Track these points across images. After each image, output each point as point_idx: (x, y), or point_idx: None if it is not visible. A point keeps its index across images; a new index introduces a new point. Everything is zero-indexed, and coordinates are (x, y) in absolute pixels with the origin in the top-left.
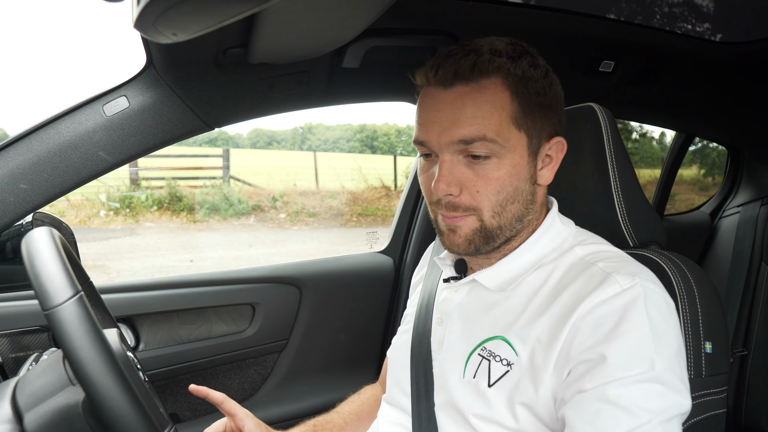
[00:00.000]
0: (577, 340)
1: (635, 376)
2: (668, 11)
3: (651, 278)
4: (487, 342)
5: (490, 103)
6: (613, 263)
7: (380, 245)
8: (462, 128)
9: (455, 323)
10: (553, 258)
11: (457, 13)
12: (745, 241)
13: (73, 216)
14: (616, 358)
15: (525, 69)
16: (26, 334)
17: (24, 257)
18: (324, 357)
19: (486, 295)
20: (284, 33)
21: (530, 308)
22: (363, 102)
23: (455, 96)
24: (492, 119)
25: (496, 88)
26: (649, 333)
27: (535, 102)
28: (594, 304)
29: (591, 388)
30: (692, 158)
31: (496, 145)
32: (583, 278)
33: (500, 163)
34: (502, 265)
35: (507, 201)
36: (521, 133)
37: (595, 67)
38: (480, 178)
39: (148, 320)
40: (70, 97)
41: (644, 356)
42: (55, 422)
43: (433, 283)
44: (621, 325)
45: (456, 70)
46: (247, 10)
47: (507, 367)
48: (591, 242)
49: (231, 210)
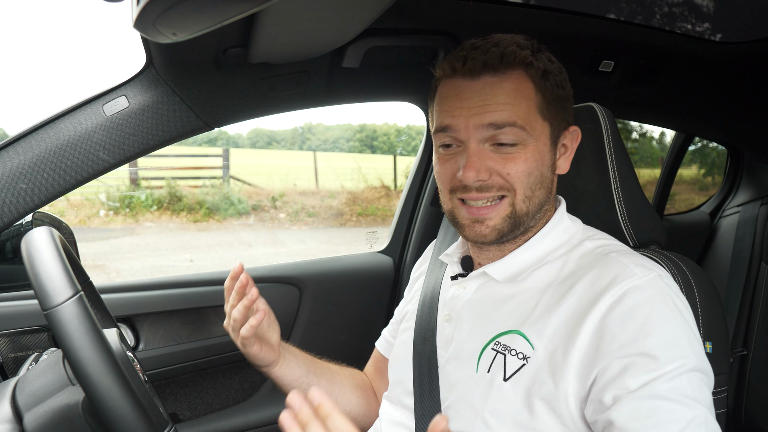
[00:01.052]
0: (606, 337)
1: (678, 368)
2: (668, 11)
3: (663, 271)
4: (501, 336)
5: (518, 92)
6: (626, 255)
7: (380, 245)
8: (493, 113)
9: (465, 320)
10: (563, 252)
11: (457, 13)
12: (745, 240)
13: (73, 216)
14: (656, 353)
15: (545, 63)
16: (26, 334)
17: (24, 257)
18: (324, 357)
19: (497, 289)
20: (284, 33)
21: (544, 301)
22: (363, 102)
23: (483, 85)
24: (521, 107)
25: (521, 79)
26: (680, 323)
27: (555, 94)
28: (615, 298)
29: (638, 387)
30: (692, 158)
31: (524, 132)
32: (599, 268)
33: (526, 150)
34: (512, 258)
35: (536, 185)
36: (545, 123)
37: (595, 67)
38: (509, 162)
39: (148, 320)
40: (70, 97)
41: (681, 346)
42: (54, 422)
43: (437, 280)
44: (651, 318)
45: (486, 60)
46: (247, 10)
47: (523, 360)
48: (600, 237)
49: (231, 210)
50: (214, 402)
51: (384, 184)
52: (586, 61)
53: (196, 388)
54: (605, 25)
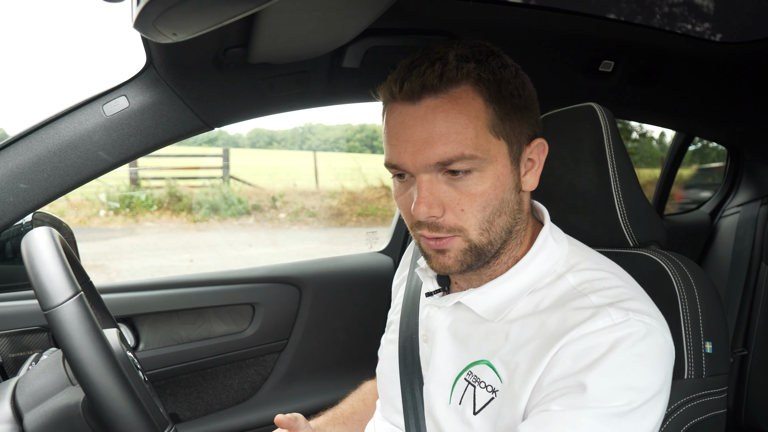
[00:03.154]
0: (557, 369)
1: (608, 410)
2: (668, 11)
3: (647, 310)
4: (473, 366)
5: (464, 114)
6: (607, 297)
7: (380, 245)
8: (436, 148)
9: (440, 343)
10: (545, 284)
11: (457, 13)
12: (745, 240)
13: (73, 216)
14: (592, 389)
15: (495, 71)
16: (26, 334)
17: (24, 257)
18: (324, 357)
19: (472, 314)
20: (284, 33)
21: (515, 332)
22: (363, 102)
23: (425, 110)
24: (467, 132)
25: (468, 97)
26: (631, 370)
27: (511, 105)
28: (581, 334)
29: (558, 410)
30: (692, 158)
31: (476, 159)
32: (573, 310)
33: (482, 176)
34: (490, 289)
35: (494, 215)
36: (500, 141)
37: (595, 67)
38: (463, 196)
39: (148, 320)
40: (70, 97)
41: (621, 393)
42: (55, 422)
43: (416, 292)
44: (606, 357)
45: (423, 83)
46: (247, 10)
47: (492, 394)
48: (584, 267)
49: (231, 210)
50: (214, 402)
51: (384, 184)
52: (586, 61)
53: (196, 388)
54: (605, 25)
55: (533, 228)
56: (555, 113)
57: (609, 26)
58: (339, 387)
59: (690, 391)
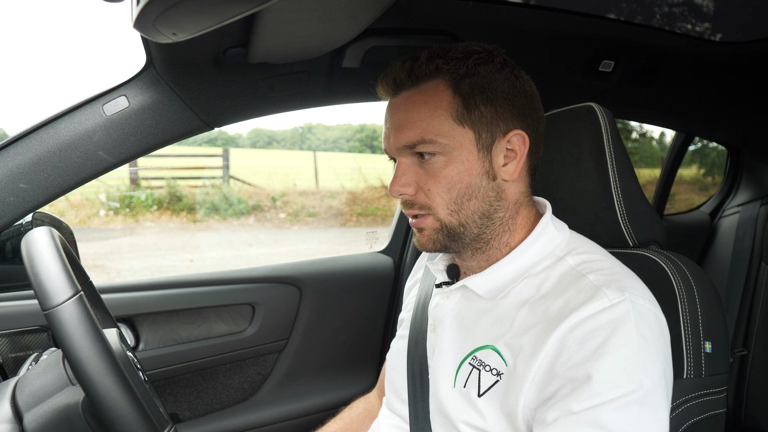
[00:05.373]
0: (563, 355)
1: (624, 397)
2: (668, 11)
3: (642, 293)
4: (478, 351)
5: (429, 104)
6: (604, 276)
7: (380, 245)
8: (403, 133)
9: (447, 330)
10: (546, 266)
11: (457, 13)
12: (745, 240)
13: (73, 216)
14: (603, 377)
15: (469, 66)
16: (26, 334)
17: (24, 257)
18: (324, 357)
19: (478, 302)
20: (284, 33)
21: (521, 318)
22: (363, 102)
23: (401, 101)
24: (431, 120)
25: (437, 89)
26: (637, 351)
27: (482, 97)
28: (581, 318)
29: (580, 411)
30: (692, 158)
31: (438, 144)
32: (572, 291)
33: (448, 160)
34: (492, 272)
35: (462, 198)
36: (465, 129)
37: (595, 67)
38: (430, 177)
39: (148, 320)
40: (70, 97)
41: (632, 375)
42: (54, 422)
43: (428, 287)
44: (609, 341)
45: (394, 78)
46: (247, 10)
47: (497, 377)
48: (583, 251)
49: (231, 210)
50: (214, 402)
51: (384, 184)
52: (586, 61)
53: (196, 388)
54: (605, 25)
55: (534, 219)
56: (555, 113)
57: (609, 26)
58: (338, 387)
59: (689, 390)
